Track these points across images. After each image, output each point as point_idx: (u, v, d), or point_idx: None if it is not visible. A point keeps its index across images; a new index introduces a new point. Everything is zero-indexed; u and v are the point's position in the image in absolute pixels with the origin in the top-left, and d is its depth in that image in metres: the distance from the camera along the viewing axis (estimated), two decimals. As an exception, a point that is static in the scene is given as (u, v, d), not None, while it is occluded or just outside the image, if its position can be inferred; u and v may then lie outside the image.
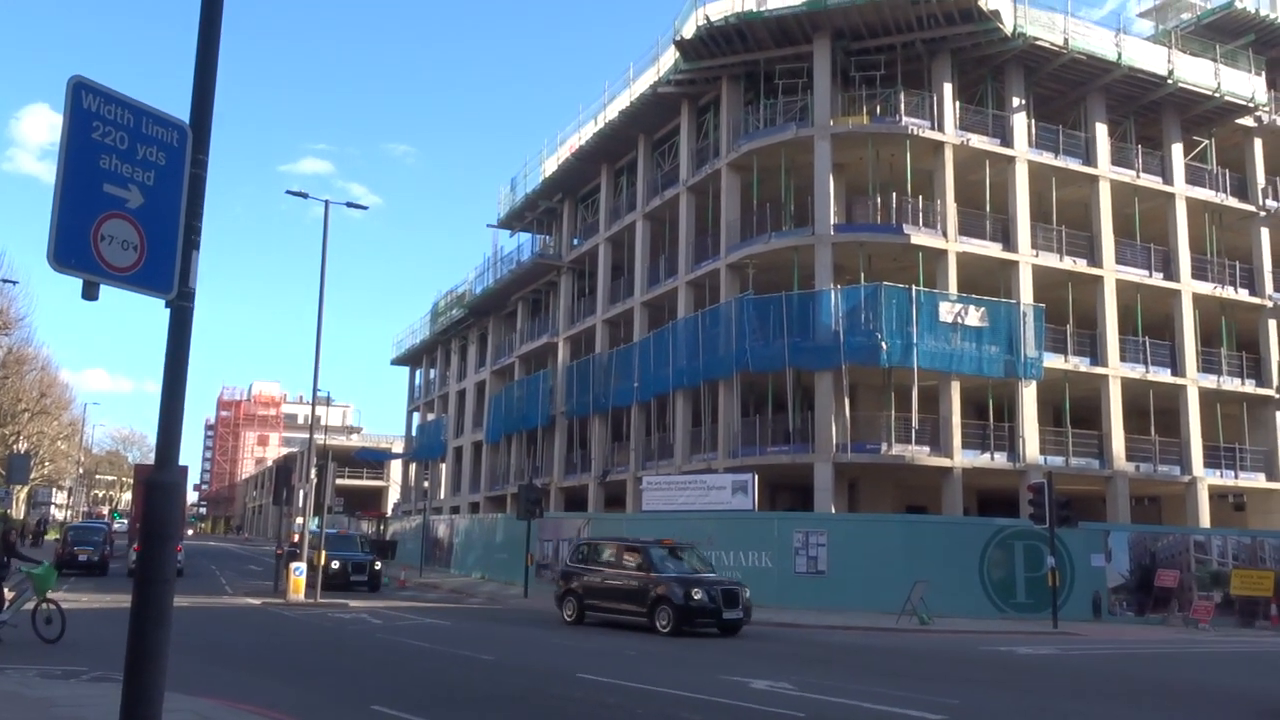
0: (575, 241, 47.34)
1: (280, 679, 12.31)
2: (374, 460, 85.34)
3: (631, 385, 38.39)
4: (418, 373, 72.72)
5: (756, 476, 29.51)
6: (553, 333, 46.88)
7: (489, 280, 54.09)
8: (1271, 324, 36.61)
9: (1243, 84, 35.70)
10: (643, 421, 38.72)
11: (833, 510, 30.48)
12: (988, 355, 31.34)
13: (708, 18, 32.90)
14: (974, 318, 31.34)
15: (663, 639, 18.80)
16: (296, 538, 28.99)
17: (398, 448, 78.07)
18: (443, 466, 64.40)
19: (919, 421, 30.84)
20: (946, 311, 31.01)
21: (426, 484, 66.85)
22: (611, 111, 40.66)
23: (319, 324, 29.50)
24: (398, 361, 73.69)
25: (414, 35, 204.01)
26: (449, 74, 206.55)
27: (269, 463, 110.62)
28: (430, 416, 67.91)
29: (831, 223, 31.94)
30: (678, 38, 34.05)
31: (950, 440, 31.06)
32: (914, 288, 30.86)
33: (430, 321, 65.30)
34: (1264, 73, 36.54)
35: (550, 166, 46.67)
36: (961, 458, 31.21)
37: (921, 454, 30.93)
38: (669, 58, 36.21)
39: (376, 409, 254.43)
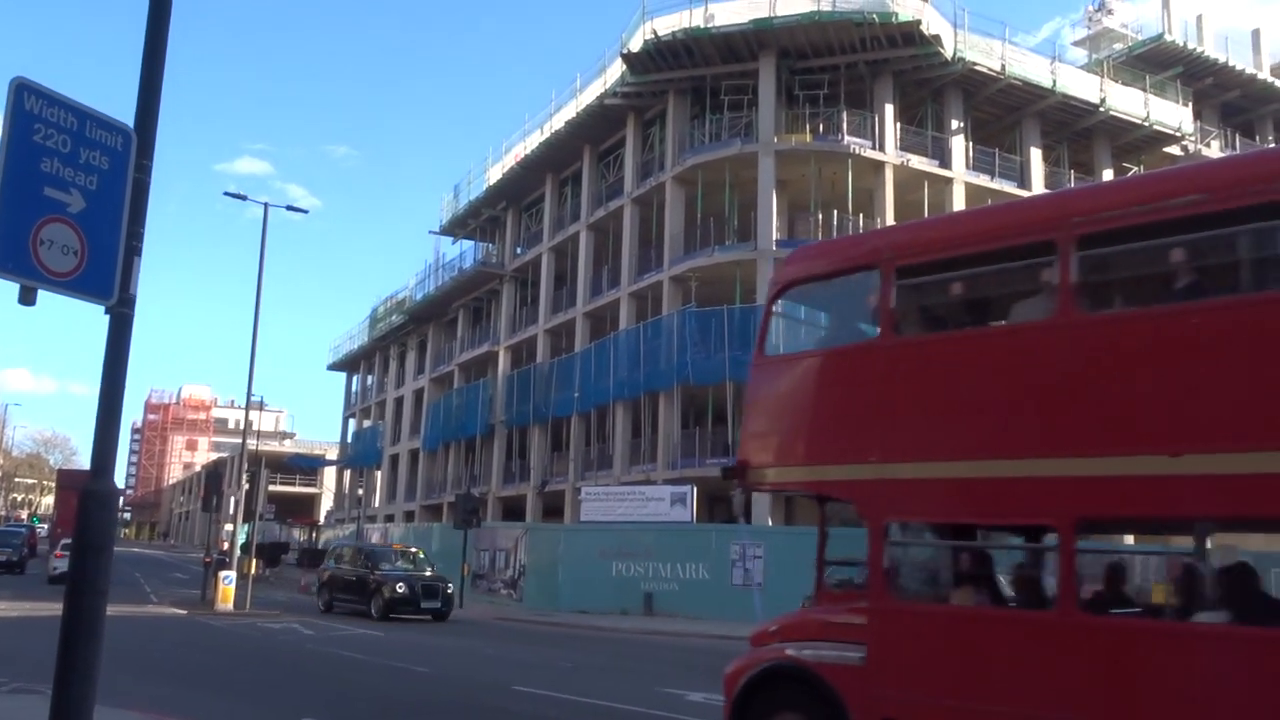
0: (518, 250, 47.21)
1: (210, 691, 12.09)
2: (308, 467, 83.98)
3: (572, 395, 38.35)
4: (355, 379, 71.81)
5: (695, 488, 29.64)
6: (494, 341, 46.66)
7: (430, 287, 53.67)
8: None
9: (1171, 114, 36.83)
10: (583, 432, 38.68)
11: (770, 523, 30.70)
12: (923, 372, 31.80)
13: (655, 32, 33.11)
14: (911, 335, 31.81)
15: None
16: (226, 545, 28.46)
17: (332, 454, 76.97)
18: (378, 474, 63.62)
19: (856, 436, 31.17)
20: (884, 328, 31.43)
21: (361, 492, 65.97)
22: (558, 121, 40.69)
23: (255, 327, 28.95)
24: (335, 367, 72.71)
25: (357, 36, 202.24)
26: (392, 77, 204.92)
27: (198, 468, 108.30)
28: (367, 423, 67.07)
29: (774, 238, 32.27)
30: (625, 51, 34.22)
31: (886, 455, 31.43)
32: (853, 304, 31.22)
33: (369, 327, 64.55)
34: (1191, 104, 37.74)
35: (495, 174, 46.52)
36: (896, 472, 31.59)
37: (858, 468, 31.24)
38: (616, 70, 36.36)
39: (311, 415, 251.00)
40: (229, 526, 29.16)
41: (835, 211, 32.65)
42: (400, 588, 24.42)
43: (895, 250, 7.10)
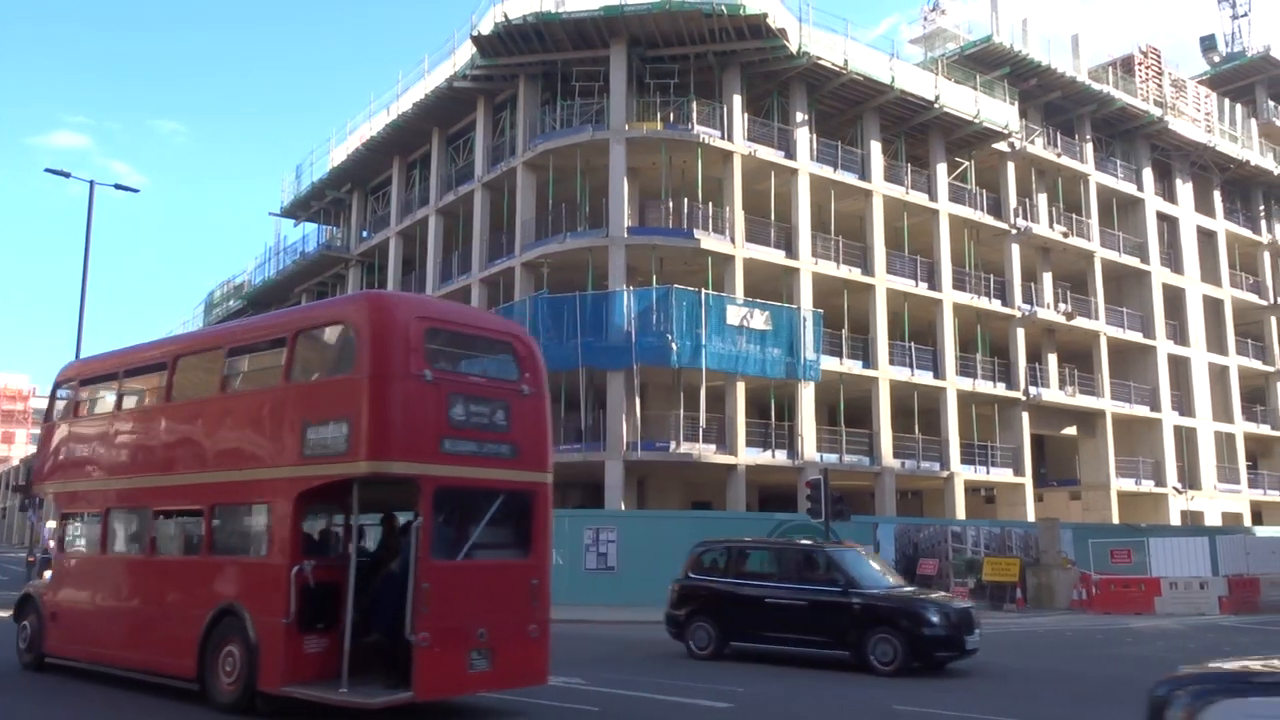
0: (364, 234, 46.05)
1: (41, 702, 11.42)
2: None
3: (422, 382, 37.66)
4: (189, 367, 68.49)
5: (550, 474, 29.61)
6: (339, 327, 45.31)
7: (270, 271, 51.76)
8: (1020, 332, 40.03)
9: (999, 112, 38.87)
10: (433, 419, 38.04)
11: (622, 507, 31.04)
12: (771, 357, 32.75)
13: (506, 16, 32.79)
14: (759, 321, 32.68)
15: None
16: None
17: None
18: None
19: (706, 420, 31.86)
20: (734, 315, 32.19)
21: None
22: (405, 103, 39.82)
23: (80, 313, 27.24)
24: (167, 354, 69.20)
25: (186, 4, 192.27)
26: (226, 47, 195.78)
27: (15, 462, 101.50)
28: (203, 413, 64.05)
29: (625, 225, 32.52)
30: (475, 33, 33.76)
31: (735, 439, 32.26)
32: (703, 291, 31.86)
33: (204, 313, 61.71)
34: (1017, 103, 39.91)
35: (339, 155, 45.18)
36: (745, 455, 32.48)
37: (708, 452, 31.97)
38: (466, 52, 35.83)
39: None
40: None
41: (685, 199, 33.14)
42: (934, 618, 14.34)
43: (84, 370, 14.25)
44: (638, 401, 32.02)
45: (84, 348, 25.95)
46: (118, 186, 31.71)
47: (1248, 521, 45.41)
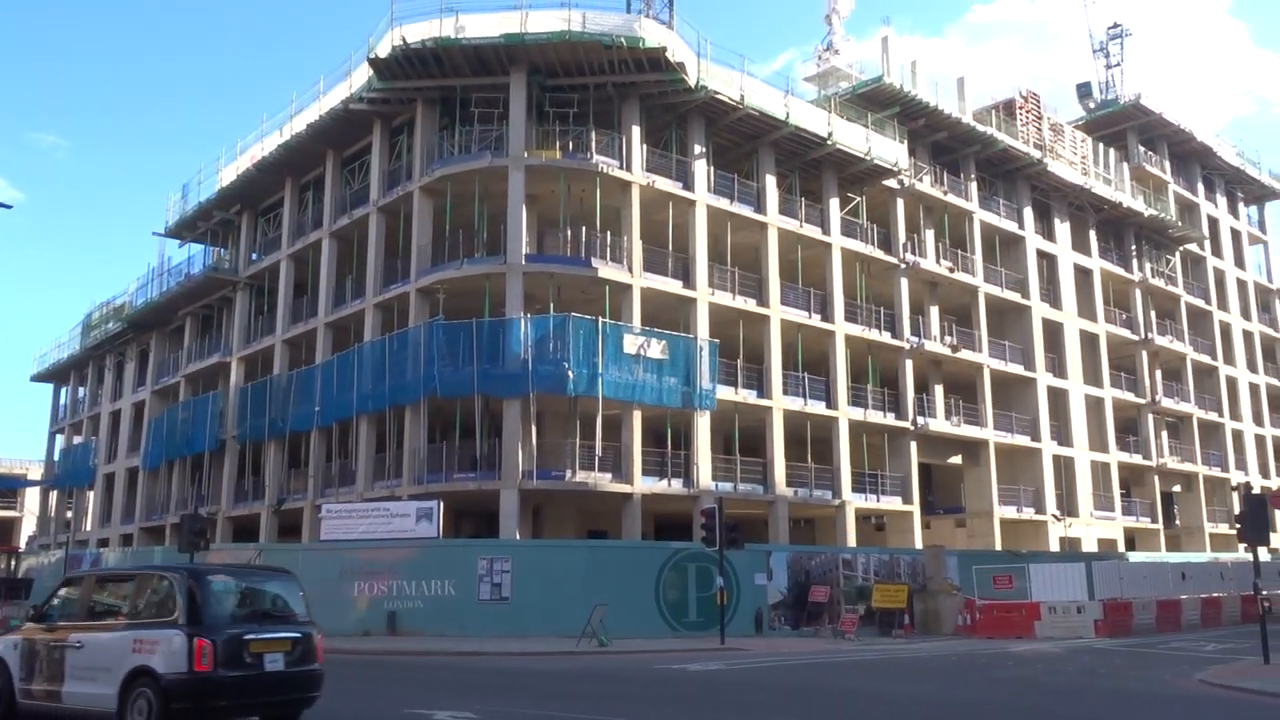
0: (254, 256, 44.83)
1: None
2: (5, 488, 75.88)
3: (312, 409, 36.81)
4: (64, 391, 65.69)
5: (442, 503, 29.20)
6: (225, 352, 44.01)
7: (153, 292, 49.92)
8: (908, 364, 41.12)
9: (889, 150, 40.06)
10: (323, 447, 37.19)
11: (517, 536, 30.73)
12: (667, 386, 32.94)
13: (404, 39, 32.50)
14: (656, 350, 32.87)
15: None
16: None
17: (36, 473, 69.99)
18: (91, 495, 58.41)
19: (602, 449, 31.81)
20: (630, 343, 32.32)
21: (70, 514, 60.32)
22: (299, 124, 39.02)
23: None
24: (39, 378, 66.21)
25: (70, 10, 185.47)
26: (110, 61, 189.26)
27: None
28: (77, 439, 61.44)
29: (523, 252, 32.41)
30: (372, 55, 33.34)
31: (631, 467, 32.29)
32: (600, 319, 31.91)
33: (82, 334, 59.26)
34: (906, 142, 41.20)
35: (228, 175, 43.97)
36: (641, 484, 32.52)
37: (604, 480, 31.91)
38: (363, 75, 35.34)
39: (10, 430, 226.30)
40: None
41: (584, 228, 33.21)
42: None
43: None
44: (534, 430, 31.81)
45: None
46: (-10, 202, 30.22)
47: (1121, 547, 47.34)
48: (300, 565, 29.49)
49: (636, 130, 34.35)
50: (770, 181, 37.91)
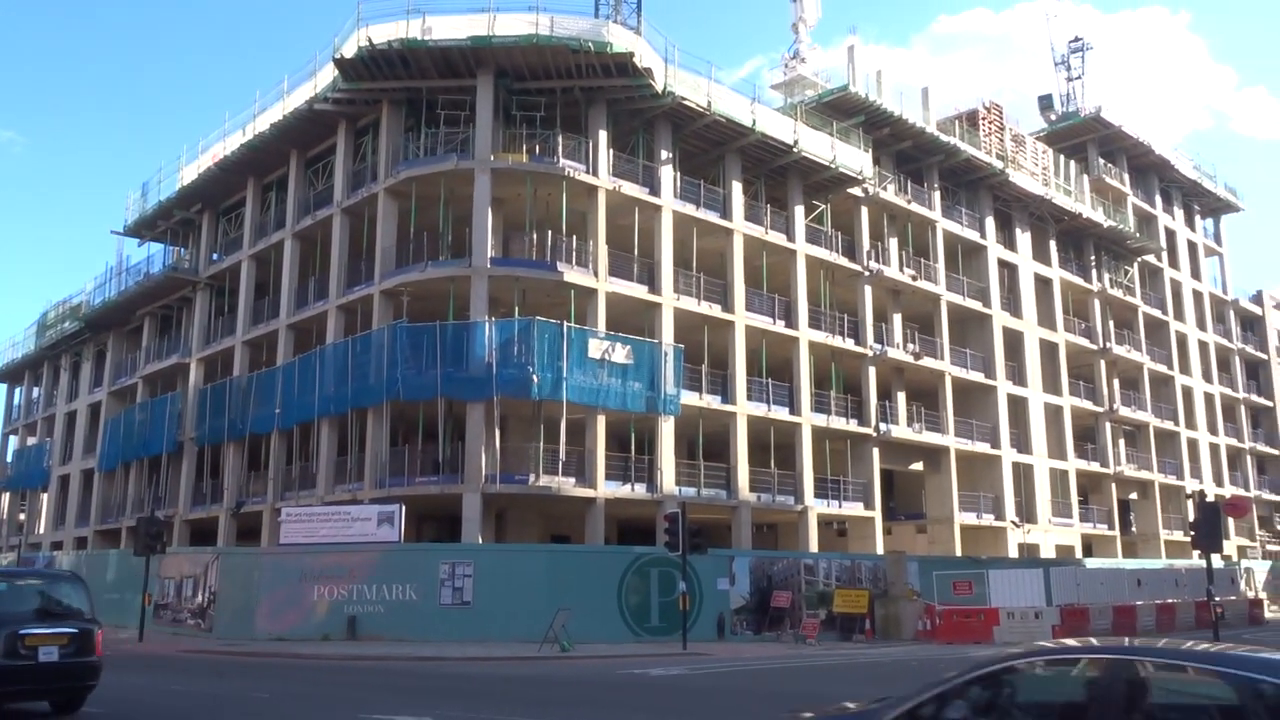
0: (215, 256, 44.30)
1: None
2: (-43, 490, 74.36)
3: (273, 411, 36.40)
4: (18, 391, 64.57)
5: (404, 507, 28.97)
6: (184, 353, 43.44)
7: (111, 291, 49.18)
8: (871, 370, 41.40)
9: (854, 158, 40.34)
10: (284, 450, 36.80)
11: (480, 541, 30.57)
12: (631, 391, 32.93)
13: (370, 40, 32.29)
14: (620, 355, 32.85)
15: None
16: None
17: (-12, 476, 68.67)
18: (45, 497, 57.41)
19: (566, 453, 31.75)
20: (595, 348, 32.28)
21: (23, 517, 59.22)
22: (262, 123, 38.63)
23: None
24: (-7, 378, 65.06)
25: (28, 6, 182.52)
26: (70, 58, 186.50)
27: None
28: (31, 440, 60.43)
29: (488, 256, 32.28)
30: (338, 56, 33.08)
31: (595, 472, 32.23)
32: (565, 324, 31.85)
33: (37, 334, 58.26)
34: (871, 150, 41.52)
35: (190, 174, 43.44)
36: (605, 488, 32.47)
37: (567, 485, 31.84)
38: (328, 75, 35.07)
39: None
40: None
41: (550, 232, 33.14)
42: None
43: None
44: (497, 434, 31.68)
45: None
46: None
47: (1079, 553, 47.94)
48: (259, 569, 29.35)
49: (603, 135, 34.35)
50: (736, 188, 38.05)
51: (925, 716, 5.57)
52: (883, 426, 40.89)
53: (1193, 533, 22.01)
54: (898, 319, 43.07)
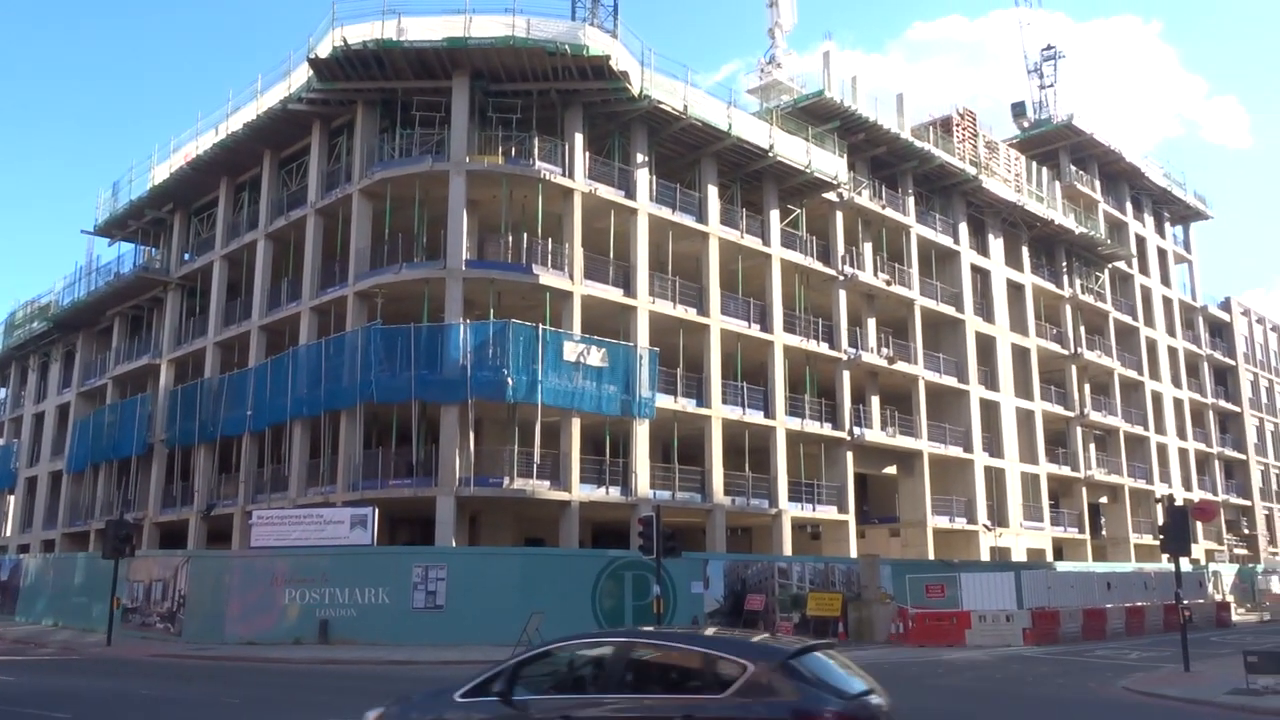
0: (186, 256, 43.92)
1: None
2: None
3: (245, 413, 36.10)
4: (-15, 392, 63.65)
5: (377, 510, 28.81)
6: (155, 354, 43.01)
7: (81, 291, 48.66)
8: (845, 375, 41.56)
9: (829, 163, 40.51)
10: (255, 452, 36.49)
11: (454, 544, 30.43)
12: (607, 394, 32.90)
13: (345, 40, 32.10)
14: (595, 358, 32.82)
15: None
16: None
17: (-47, 478, 67.64)
18: (11, 499, 56.68)
19: (541, 456, 31.66)
20: (570, 351, 32.23)
21: (-11, 519, 58.36)
22: (235, 122, 38.34)
23: None
24: (-41, 378, 64.14)
25: None
26: (39, 57, 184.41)
27: None
28: (-1, 442, 59.65)
29: (463, 258, 32.17)
30: (312, 56, 32.87)
31: (569, 475, 32.17)
32: (541, 326, 31.78)
33: (4, 334, 57.56)
34: (846, 155, 41.71)
35: (161, 173, 43.03)
36: (579, 491, 32.41)
37: (542, 488, 31.75)
38: (302, 75, 34.84)
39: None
40: None
41: (525, 234, 33.07)
42: None
43: None
44: (471, 436, 31.55)
45: None
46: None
47: (1050, 557, 48.34)
48: (230, 572, 29.10)
49: (579, 138, 34.32)
50: (712, 192, 38.12)
51: (489, 689, 7.53)
52: (856, 430, 41.07)
53: (1162, 536, 22.21)
54: (872, 323, 43.27)
